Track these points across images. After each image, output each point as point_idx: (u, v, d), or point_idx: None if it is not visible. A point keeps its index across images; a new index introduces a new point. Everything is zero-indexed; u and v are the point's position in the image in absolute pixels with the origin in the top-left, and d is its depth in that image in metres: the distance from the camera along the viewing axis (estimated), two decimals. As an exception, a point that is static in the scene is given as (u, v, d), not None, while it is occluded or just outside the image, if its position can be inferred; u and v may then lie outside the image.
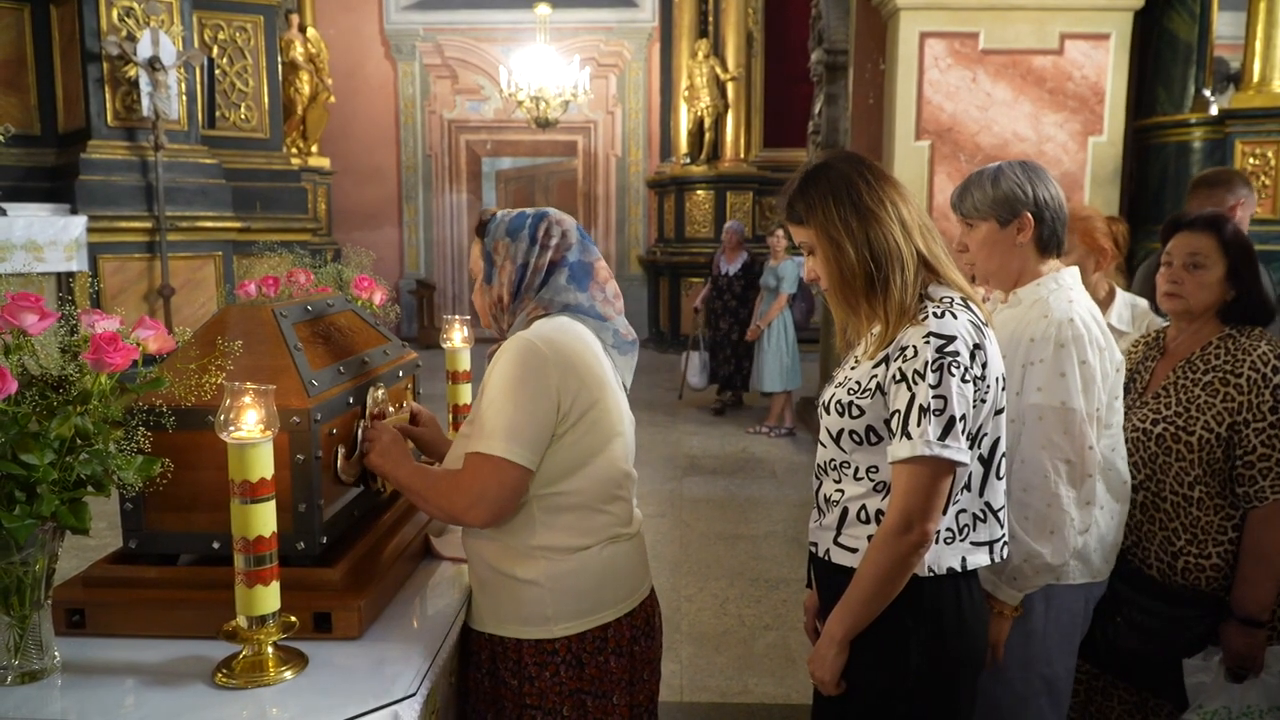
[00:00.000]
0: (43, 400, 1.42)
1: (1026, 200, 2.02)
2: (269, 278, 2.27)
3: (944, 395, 1.61)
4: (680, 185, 12.55)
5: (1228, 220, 2.27)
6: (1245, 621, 2.13)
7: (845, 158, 1.81)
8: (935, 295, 1.71)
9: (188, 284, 7.85)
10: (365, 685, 1.50)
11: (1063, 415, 1.94)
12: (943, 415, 1.61)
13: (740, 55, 12.17)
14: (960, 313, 1.68)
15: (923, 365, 1.63)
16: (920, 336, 1.65)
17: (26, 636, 1.49)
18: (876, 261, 1.69)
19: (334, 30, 12.65)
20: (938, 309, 1.67)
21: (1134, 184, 6.07)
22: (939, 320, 1.66)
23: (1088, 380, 1.95)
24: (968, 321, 1.68)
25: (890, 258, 1.69)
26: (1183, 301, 2.25)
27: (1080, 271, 2.84)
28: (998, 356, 1.74)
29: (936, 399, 1.61)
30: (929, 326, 1.65)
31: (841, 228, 1.71)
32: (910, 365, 1.64)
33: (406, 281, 13.38)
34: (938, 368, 1.62)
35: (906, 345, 1.66)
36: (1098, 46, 5.55)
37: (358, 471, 1.88)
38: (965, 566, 1.73)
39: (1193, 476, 2.19)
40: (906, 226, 1.72)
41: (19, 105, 7.79)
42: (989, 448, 1.75)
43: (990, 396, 1.70)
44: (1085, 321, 1.99)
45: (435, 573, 2.02)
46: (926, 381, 1.62)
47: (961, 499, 1.73)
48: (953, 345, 1.63)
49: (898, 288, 1.69)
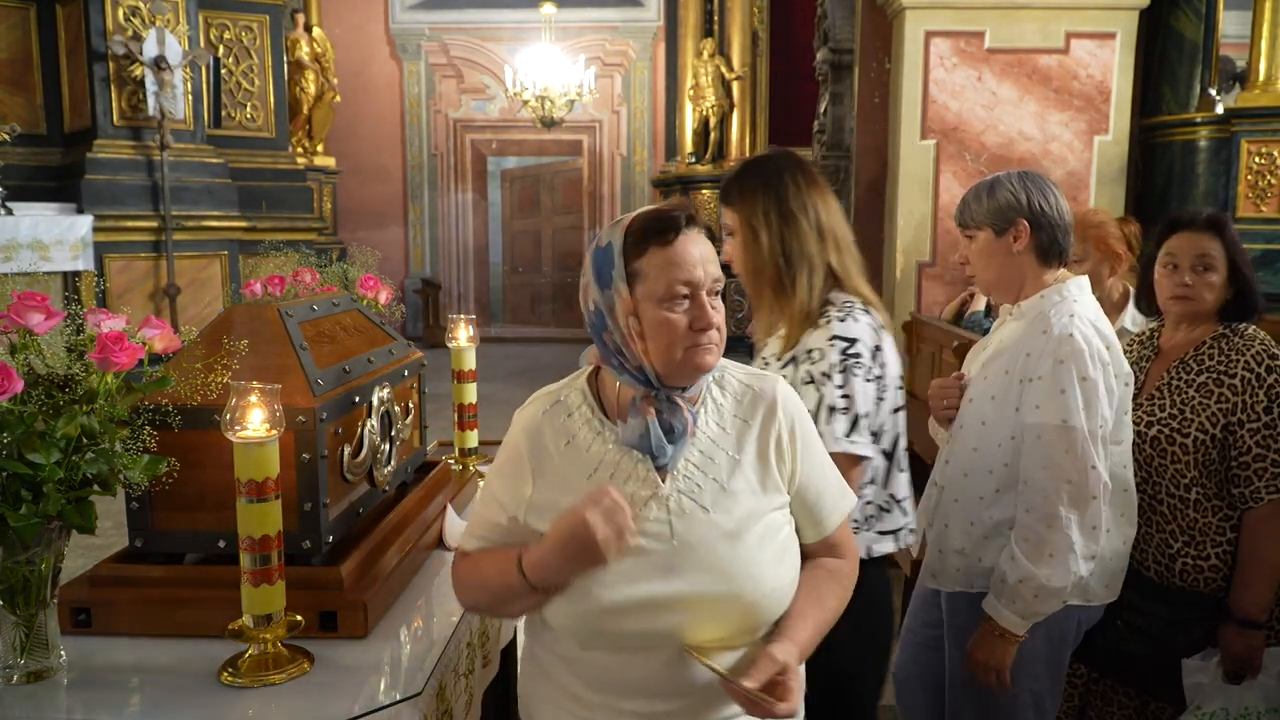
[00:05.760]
0: (49, 399, 1.42)
1: (1021, 208, 2.01)
2: (274, 277, 2.28)
3: (849, 394, 1.75)
4: (685, 184, 12.52)
5: (1227, 218, 2.26)
6: (1243, 623, 2.11)
7: (785, 157, 1.94)
8: (837, 301, 1.84)
9: (193, 283, 7.86)
10: (371, 684, 1.50)
11: (1064, 434, 1.89)
12: (849, 413, 1.74)
13: (745, 54, 12.14)
14: (861, 316, 1.82)
15: (829, 366, 1.76)
16: (825, 339, 1.78)
17: (32, 635, 1.49)
18: (788, 259, 1.83)
19: (339, 29, 12.65)
20: (840, 313, 1.80)
21: (1140, 183, 6.05)
22: (842, 324, 1.79)
23: (1089, 397, 1.90)
24: (868, 325, 1.81)
25: (800, 259, 1.83)
26: (1194, 304, 2.21)
27: (1096, 277, 2.84)
28: (895, 358, 1.86)
29: (843, 398, 1.74)
30: (833, 329, 1.78)
31: (763, 220, 1.84)
32: (817, 367, 1.76)
33: (412, 281, 13.39)
34: (843, 369, 1.75)
35: (813, 348, 1.79)
36: (1103, 45, 5.54)
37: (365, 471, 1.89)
38: (871, 554, 1.85)
39: (1189, 478, 2.16)
40: (822, 234, 1.85)
41: (25, 104, 7.81)
42: (890, 443, 1.87)
43: (889, 395, 1.85)
44: (1086, 336, 1.93)
45: (442, 570, 2.02)
46: (833, 382, 1.75)
47: (867, 491, 1.85)
48: (855, 347, 1.77)
49: (803, 289, 1.83)
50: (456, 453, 2.60)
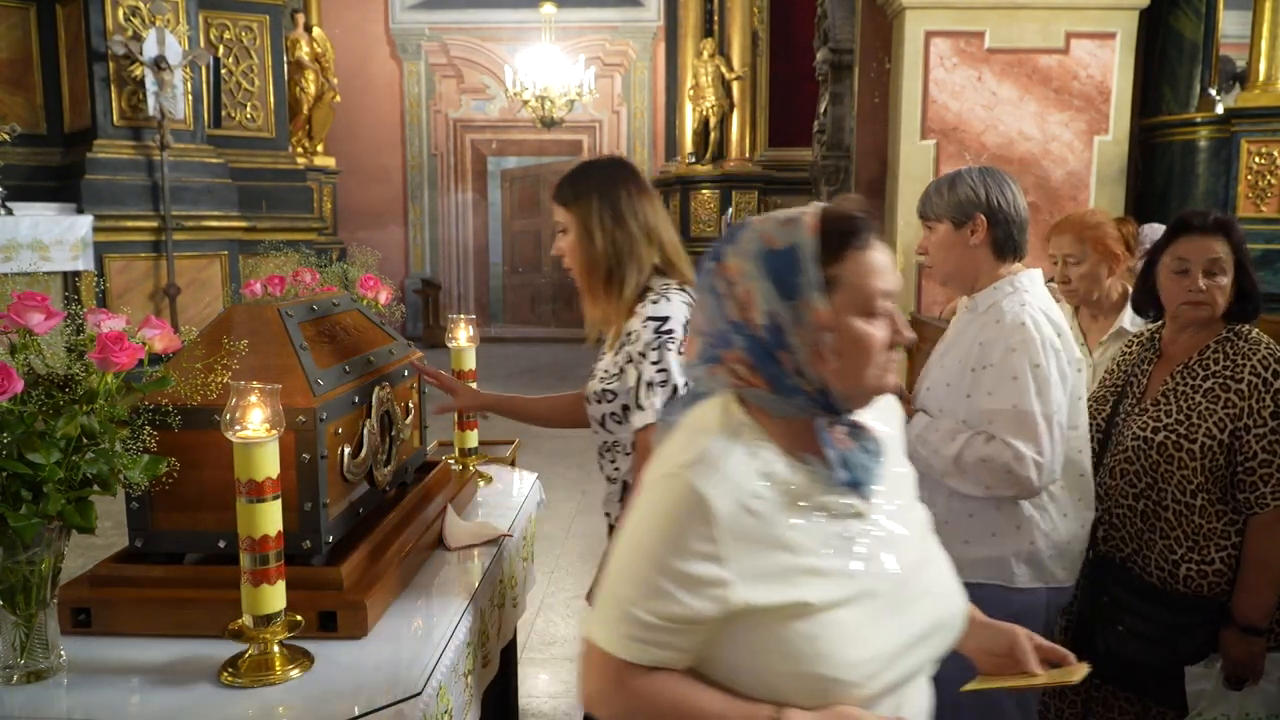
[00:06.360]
0: (49, 399, 1.42)
1: (980, 203, 2.09)
2: (274, 277, 2.28)
3: (665, 368, 1.86)
4: (685, 185, 12.54)
5: (1234, 220, 2.25)
6: (1245, 629, 2.10)
7: (619, 164, 2.08)
8: (655, 285, 1.97)
9: (193, 283, 7.86)
10: (371, 684, 1.50)
11: (1014, 418, 1.96)
12: (666, 386, 1.85)
13: (745, 54, 12.16)
14: (675, 296, 1.93)
15: (644, 346, 1.88)
16: (640, 322, 1.90)
17: (32, 635, 1.49)
18: (619, 259, 1.96)
19: (339, 29, 12.65)
20: (655, 297, 1.93)
21: (1139, 183, 6.05)
22: (655, 305, 1.91)
23: (1041, 383, 1.96)
24: (681, 303, 1.92)
25: (630, 259, 1.96)
26: (1208, 310, 2.17)
27: (1094, 278, 2.85)
28: None
29: (659, 372, 1.86)
30: (647, 312, 1.91)
31: (597, 221, 1.97)
32: (635, 348, 1.89)
33: (412, 281, 13.39)
34: (657, 345, 1.86)
35: (631, 331, 1.92)
36: (1103, 45, 5.53)
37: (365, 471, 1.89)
38: None
39: (1195, 485, 2.14)
40: (650, 236, 1.98)
41: (25, 104, 7.81)
42: None
43: None
44: (1037, 323, 2.00)
45: (442, 570, 2.02)
46: (648, 359, 1.87)
47: None
48: (667, 325, 1.88)
49: (630, 287, 1.97)
50: (456, 453, 2.60)
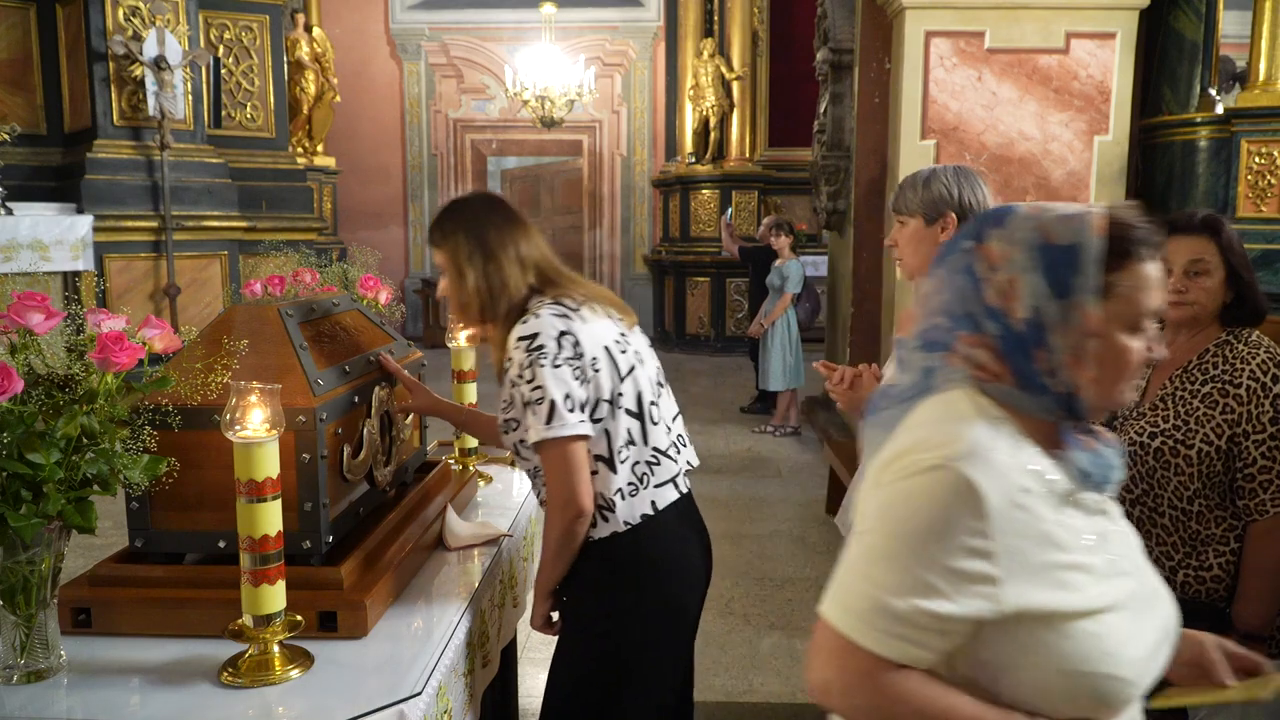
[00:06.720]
0: (49, 399, 1.42)
1: (952, 201, 2.15)
2: (274, 277, 2.28)
3: (540, 385, 1.85)
4: (685, 185, 12.54)
5: (1223, 220, 2.23)
6: (1245, 636, 2.06)
7: (484, 200, 2.09)
8: (531, 307, 1.95)
9: (193, 283, 7.86)
10: (371, 684, 1.50)
11: None
12: (544, 403, 1.84)
13: (745, 54, 12.16)
14: (544, 311, 1.92)
15: (519, 367, 1.88)
16: (513, 345, 1.90)
17: (32, 635, 1.49)
18: (492, 293, 1.97)
19: (339, 29, 12.66)
20: (526, 318, 1.92)
21: (1140, 183, 6.05)
22: (523, 325, 1.91)
23: None
24: (550, 315, 1.91)
25: (503, 292, 1.96)
26: (1190, 310, 2.16)
27: None
28: (597, 332, 1.95)
29: (534, 391, 1.85)
30: (516, 333, 1.91)
31: (466, 260, 1.97)
32: (513, 372, 1.89)
33: (412, 281, 13.39)
34: (529, 364, 1.86)
35: (509, 357, 1.92)
36: (1104, 45, 5.53)
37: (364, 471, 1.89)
38: (657, 508, 1.96)
39: (1192, 490, 2.12)
40: (524, 266, 1.98)
41: (25, 104, 7.81)
42: (634, 403, 1.96)
43: (603, 366, 1.92)
44: None
45: (442, 570, 2.02)
46: (524, 379, 1.87)
47: (629, 454, 1.94)
48: (536, 341, 1.87)
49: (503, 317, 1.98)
50: (456, 453, 2.60)
